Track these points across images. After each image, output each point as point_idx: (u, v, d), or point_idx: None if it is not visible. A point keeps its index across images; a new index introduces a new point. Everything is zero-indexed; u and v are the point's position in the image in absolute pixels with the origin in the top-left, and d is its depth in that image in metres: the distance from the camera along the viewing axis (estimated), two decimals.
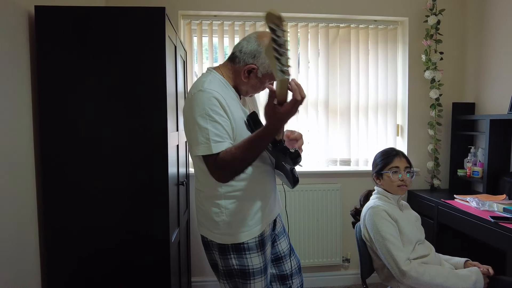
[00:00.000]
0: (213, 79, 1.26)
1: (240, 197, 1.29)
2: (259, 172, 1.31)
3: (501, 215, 1.87)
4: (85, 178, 1.59)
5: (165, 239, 1.65)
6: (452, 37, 2.71)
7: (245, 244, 1.29)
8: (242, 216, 1.29)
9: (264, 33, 1.28)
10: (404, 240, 1.55)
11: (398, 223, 1.57)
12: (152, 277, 1.66)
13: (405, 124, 2.76)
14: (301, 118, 2.69)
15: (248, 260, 1.29)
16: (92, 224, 1.61)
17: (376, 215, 1.58)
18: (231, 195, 1.28)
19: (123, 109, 1.59)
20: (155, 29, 1.58)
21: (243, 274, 1.30)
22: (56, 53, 1.55)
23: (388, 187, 1.66)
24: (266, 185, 1.35)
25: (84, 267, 1.62)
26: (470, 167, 2.53)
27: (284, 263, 1.49)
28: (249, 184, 1.29)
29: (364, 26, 2.73)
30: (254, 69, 1.26)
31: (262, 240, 1.32)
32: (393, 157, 1.67)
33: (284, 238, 1.51)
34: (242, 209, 1.29)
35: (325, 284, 2.72)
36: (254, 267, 1.29)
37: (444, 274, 1.47)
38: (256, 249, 1.30)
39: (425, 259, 1.55)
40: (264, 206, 1.33)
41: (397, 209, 1.65)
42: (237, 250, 1.29)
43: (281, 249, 1.49)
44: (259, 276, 1.30)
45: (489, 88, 2.53)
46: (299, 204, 2.63)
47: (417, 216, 1.73)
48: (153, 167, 1.62)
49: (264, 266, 1.32)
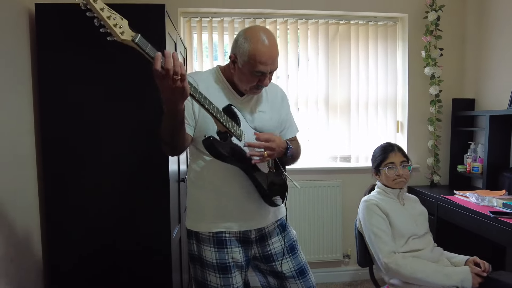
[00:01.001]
0: (207, 71, 1.35)
1: (198, 186, 1.36)
2: (225, 167, 1.28)
3: (500, 210, 1.87)
4: (86, 176, 1.60)
5: (166, 235, 1.66)
6: (452, 33, 2.71)
7: (200, 234, 1.34)
8: (199, 206, 1.36)
9: (251, 27, 1.30)
10: (395, 233, 1.59)
11: (389, 216, 1.61)
12: (154, 273, 1.67)
13: (405, 121, 2.76)
14: (301, 115, 2.70)
15: (201, 249, 1.34)
16: (93, 221, 1.62)
17: (366, 209, 1.64)
18: (192, 182, 1.38)
19: (123, 107, 1.60)
20: (155, 26, 1.59)
21: (200, 261, 1.35)
22: (56, 51, 1.55)
23: (386, 182, 1.70)
24: (228, 185, 1.33)
25: (85, 263, 1.63)
26: (470, 163, 2.54)
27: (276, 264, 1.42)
28: (211, 175, 1.33)
29: (363, 22, 2.73)
30: (233, 58, 1.27)
31: (218, 239, 1.33)
32: (389, 152, 1.70)
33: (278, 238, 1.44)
34: (199, 198, 1.36)
35: (325, 280, 2.74)
36: (207, 259, 1.33)
37: (427, 270, 1.49)
38: (209, 243, 1.33)
39: (417, 253, 1.57)
40: (222, 206, 1.34)
41: (396, 203, 1.68)
42: (196, 237, 1.36)
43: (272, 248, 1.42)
44: (212, 270, 1.32)
45: (488, 84, 2.53)
46: (299, 200, 2.65)
47: (422, 211, 1.73)
48: (154, 164, 1.63)
49: (219, 264, 1.31)
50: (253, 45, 1.21)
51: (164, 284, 1.68)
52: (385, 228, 1.59)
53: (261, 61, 1.21)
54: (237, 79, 1.30)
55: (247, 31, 1.27)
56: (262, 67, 1.23)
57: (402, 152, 1.71)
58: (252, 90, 1.32)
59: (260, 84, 1.29)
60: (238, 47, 1.25)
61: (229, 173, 1.30)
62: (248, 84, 1.29)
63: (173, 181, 1.80)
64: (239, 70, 1.26)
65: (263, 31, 1.25)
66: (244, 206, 1.35)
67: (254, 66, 1.22)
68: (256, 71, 1.23)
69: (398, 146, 1.74)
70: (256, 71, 1.23)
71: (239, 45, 1.24)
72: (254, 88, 1.31)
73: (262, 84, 1.29)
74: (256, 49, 1.21)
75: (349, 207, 2.72)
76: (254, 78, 1.26)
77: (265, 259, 1.42)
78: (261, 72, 1.24)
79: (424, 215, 1.73)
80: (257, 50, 1.21)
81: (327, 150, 2.75)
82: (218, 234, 1.33)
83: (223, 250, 1.33)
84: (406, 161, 1.69)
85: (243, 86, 1.31)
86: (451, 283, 1.46)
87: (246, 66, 1.23)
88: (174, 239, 1.76)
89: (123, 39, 0.93)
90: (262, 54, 1.22)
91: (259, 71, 1.24)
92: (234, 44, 1.28)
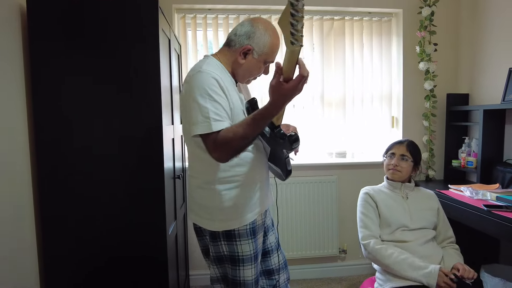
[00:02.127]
0: (211, 62, 1.27)
1: (234, 183, 1.28)
2: (253, 159, 1.30)
3: (494, 203, 1.89)
4: (81, 173, 1.60)
5: (162, 231, 1.66)
6: (446, 28, 2.72)
7: (236, 231, 1.29)
8: (233, 203, 1.28)
9: (258, 18, 1.30)
10: (382, 222, 1.69)
11: (378, 206, 1.72)
12: (150, 269, 1.67)
13: (400, 116, 2.77)
14: (297, 111, 2.70)
15: (238, 247, 1.30)
16: (88, 219, 1.62)
17: (359, 197, 1.80)
18: (225, 181, 1.28)
19: (117, 104, 1.60)
20: (148, 22, 1.58)
21: (232, 260, 1.31)
22: (48, 47, 1.54)
23: (385, 171, 1.81)
24: (259, 173, 1.35)
25: (80, 261, 1.63)
26: (464, 157, 2.55)
27: (271, 258, 1.49)
28: (243, 171, 1.29)
29: (358, 18, 2.73)
30: (250, 50, 1.27)
31: (253, 228, 1.32)
32: (396, 144, 1.81)
33: (272, 233, 1.51)
34: (234, 196, 1.28)
35: (322, 275, 2.75)
36: (244, 254, 1.30)
37: (397, 260, 1.54)
38: (246, 237, 1.30)
39: (402, 244, 1.62)
40: (257, 194, 1.34)
41: (397, 195, 1.76)
42: (227, 237, 1.30)
43: (269, 243, 1.49)
44: (249, 263, 1.31)
45: (483, 79, 2.55)
46: (295, 196, 2.65)
47: (430, 207, 1.76)
48: (149, 161, 1.63)
49: (254, 254, 1.33)
50: (273, 38, 1.28)
51: (160, 280, 1.68)
52: (371, 215, 1.70)
53: (277, 52, 1.32)
54: (245, 69, 1.31)
55: (262, 23, 1.28)
56: (274, 57, 1.33)
57: (409, 148, 1.77)
58: (250, 79, 1.39)
59: (264, 74, 1.38)
60: (256, 39, 1.26)
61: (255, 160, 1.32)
62: (255, 74, 1.35)
63: (169, 177, 1.80)
64: (252, 61, 1.29)
65: (272, 25, 1.31)
66: (268, 184, 1.42)
67: (271, 57, 1.31)
68: (270, 62, 1.32)
69: (410, 142, 1.80)
70: (270, 61, 1.32)
71: (258, 37, 1.26)
72: (253, 78, 1.38)
73: (266, 73, 1.38)
74: (277, 41, 1.30)
75: (345, 203, 2.74)
76: (262, 68, 1.33)
77: (263, 254, 1.48)
78: (271, 62, 1.33)
79: (432, 210, 1.74)
80: (277, 42, 1.30)
81: (323, 146, 2.76)
82: (253, 224, 1.33)
83: (256, 237, 1.34)
84: (408, 156, 1.74)
85: (248, 76, 1.35)
86: (415, 275, 1.49)
87: (263, 57, 1.29)
88: (170, 235, 1.76)
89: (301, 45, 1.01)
90: (277, 45, 1.31)
91: (271, 62, 1.32)
92: (249, 35, 1.26)
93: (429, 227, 1.69)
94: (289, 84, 1.04)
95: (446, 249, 1.68)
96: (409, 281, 1.50)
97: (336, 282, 2.69)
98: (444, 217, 1.76)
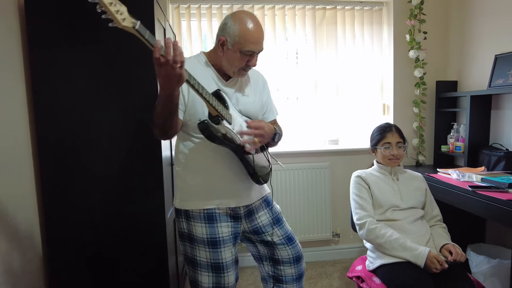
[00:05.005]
0: (193, 56, 1.40)
1: (190, 166, 1.42)
2: (213, 150, 1.37)
3: (479, 184, 1.97)
4: (82, 162, 1.65)
5: (161, 216, 1.72)
6: (436, 17, 2.77)
7: (190, 211, 1.42)
8: (189, 186, 1.42)
9: (237, 11, 1.35)
10: (374, 203, 1.76)
11: (371, 188, 1.78)
12: (151, 252, 1.73)
13: (391, 103, 2.84)
14: (291, 99, 2.77)
15: (192, 227, 1.42)
16: (91, 203, 1.67)
17: (352, 180, 1.85)
18: (181, 163, 1.43)
19: (117, 97, 1.64)
20: (144, 11, 1.61)
21: (189, 238, 1.43)
22: (47, 39, 1.57)
23: (381, 160, 1.85)
24: (216, 165, 1.41)
25: (82, 247, 1.69)
26: (453, 142, 2.63)
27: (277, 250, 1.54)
28: (199, 157, 1.40)
29: (350, 7, 2.78)
30: (224, 41, 1.32)
31: (209, 215, 1.41)
32: (386, 133, 1.82)
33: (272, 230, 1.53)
34: (189, 178, 1.42)
35: (316, 258, 2.85)
36: (197, 235, 1.40)
37: (390, 239, 1.61)
38: (199, 220, 1.41)
39: (392, 222, 1.70)
40: (211, 185, 1.41)
41: (387, 178, 1.83)
42: (185, 215, 1.43)
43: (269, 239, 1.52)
44: (202, 245, 1.40)
45: (470, 66, 2.62)
46: (289, 182, 2.73)
47: (418, 187, 1.83)
48: (148, 150, 1.69)
49: (209, 239, 1.39)
50: (242, 26, 1.29)
51: (160, 263, 1.75)
52: (365, 197, 1.76)
53: (251, 40, 1.30)
54: (226, 61, 1.36)
55: (234, 15, 1.34)
56: (252, 46, 1.31)
57: (399, 132, 1.83)
58: (240, 72, 1.39)
59: (249, 65, 1.36)
60: (227, 29, 1.31)
61: (217, 154, 1.39)
62: (237, 66, 1.35)
63: (166, 164, 1.85)
64: (229, 52, 1.33)
65: (248, 14, 1.33)
66: (232, 184, 1.44)
67: (244, 45, 1.30)
68: (246, 51, 1.31)
69: (396, 126, 1.85)
70: (246, 50, 1.31)
71: (229, 27, 1.31)
72: (242, 70, 1.38)
73: (251, 64, 1.36)
74: (246, 29, 1.29)
75: (338, 188, 2.82)
76: (244, 58, 1.33)
77: (254, 232, 1.53)
78: (251, 52, 1.32)
79: (420, 190, 1.82)
80: (247, 30, 1.30)
81: (316, 133, 2.83)
82: (209, 210, 1.41)
83: (213, 225, 1.40)
84: (402, 142, 1.81)
85: (231, 68, 1.37)
86: (405, 255, 1.56)
87: (237, 46, 1.31)
88: (168, 219, 1.83)
89: (124, 25, 0.95)
90: (252, 33, 1.30)
91: (249, 51, 1.31)
92: (222, 27, 1.34)
93: (418, 207, 1.77)
94: None
95: (434, 228, 1.76)
96: (398, 258, 1.59)
97: (329, 264, 2.78)
98: (431, 197, 1.84)
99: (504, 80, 2.19)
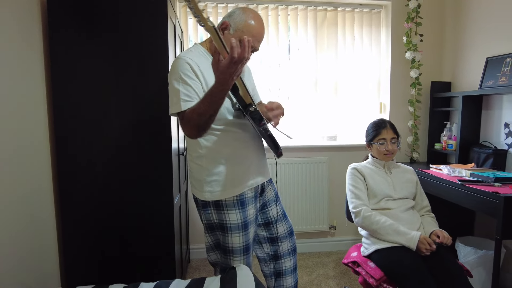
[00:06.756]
0: (194, 49, 1.41)
1: (217, 158, 1.41)
2: (236, 138, 1.43)
3: (468, 179, 2.10)
4: (99, 155, 1.77)
5: (170, 199, 1.84)
6: (432, 20, 2.90)
7: (223, 201, 1.43)
8: (219, 177, 1.42)
9: (248, 8, 1.41)
10: (369, 193, 1.87)
11: (366, 179, 1.89)
12: (159, 234, 1.84)
13: (387, 102, 2.96)
14: (292, 97, 2.88)
15: (226, 215, 1.43)
16: (104, 190, 1.78)
17: (348, 172, 1.96)
18: (210, 156, 1.41)
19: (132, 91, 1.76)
20: (158, 9, 1.73)
21: (222, 228, 1.45)
22: (67, 34, 1.68)
23: (376, 154, 1.95)
24: (244, 151, 1.47)
25: (96, 232, 1.80)
26: (445, 140, 2.76)
27: (273, 228, 1.65)
28: (226, 148, 1.42)
29: (350, 9, 2.90)
30: (227, 25, 1.36)
31: (241, 200, 1.45)
32: (381, 129, 1.92)
33: (275, 205, 1.66)
34: (220, 170, 1.42)
35: (312, 249, 2.97)
36: (232, 222, 1.43)
37: (384, 225, 1.73)
38: (233, 207, 1.43)
39: (386, 211, 1.82)
40: (243, 170, 1.46)
41: (381, 171, 1.94)
42: (216, 206, 1.44)
43: (271, 215, 1.64)
44: (236, 231, 1.44)
45: (464, 68, 2.74)
46: (289, 175, 2.85)
47: (409, 179, 1.95)
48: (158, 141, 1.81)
49: (242, 223, 1.45)
50: (248, 19, 1.36)
51: (167, 245, 1.87)
52: (360, 187, 1.87)
53: (253, 33, 1.36)
54: None
55: (243, 8, 1.41)
56: (252, 39, 1.35)
57: (393, 128, 1.93)
58: None
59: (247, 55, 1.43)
60: (233, 16, 1.37)
61: (240, 140, 1.46)
62: None
63: (174, 155, 1.96)
64: (227, 37, 1.35)
65: (256, 13, 1.41)
66: (258, 162, 1.53)
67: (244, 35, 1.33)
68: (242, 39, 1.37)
69: (390, 122, 1.95)
70: None
71: (236, 16, 1.37)
72: None
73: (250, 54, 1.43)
74: (251, 22, 1.36)
75: (335, 182, 2.94)
76: None
77: (261, 207, 1.62)
78: None
79: (411, 183, 1.94)
80: (251, 23, 1.36)
81: (315, 130, 2.95)
82: (241, 196, 1.45)
83: (245, 208, 1.46)
84: (396, 137, 1.91)
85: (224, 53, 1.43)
86: (398, 240, 1.69)
87: (237, 33, 1.35)
88: (176, 205, 1.94)
89: (210, 26, 1.02)
90: (254, 28, 1.36)
91: None
92: (230, 14, 1.39)
93: (409, 197, 1.89)
94: (223, 62, 1.09)
95: (424, 217, 1.89)
96: (392, 243, 1.71)
97: (325, 255, 2.90)
98: (421, 189, 1.96)
99: (494, 81, 2.32)
